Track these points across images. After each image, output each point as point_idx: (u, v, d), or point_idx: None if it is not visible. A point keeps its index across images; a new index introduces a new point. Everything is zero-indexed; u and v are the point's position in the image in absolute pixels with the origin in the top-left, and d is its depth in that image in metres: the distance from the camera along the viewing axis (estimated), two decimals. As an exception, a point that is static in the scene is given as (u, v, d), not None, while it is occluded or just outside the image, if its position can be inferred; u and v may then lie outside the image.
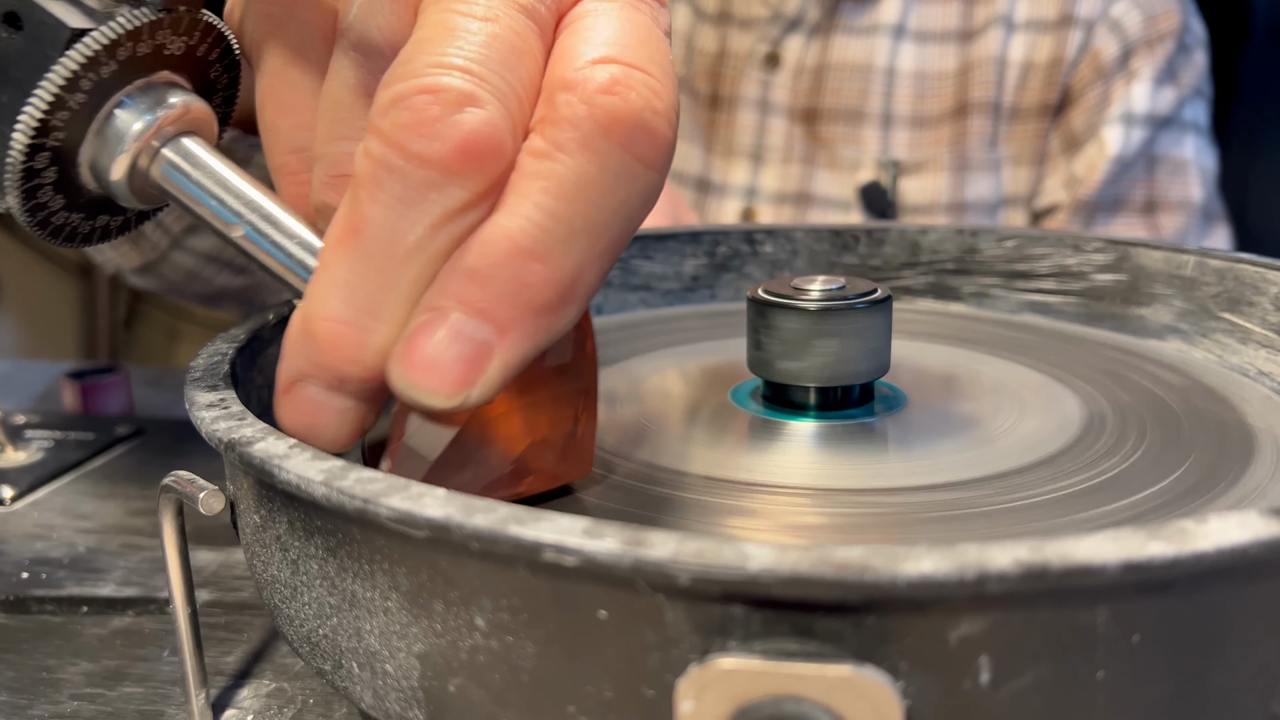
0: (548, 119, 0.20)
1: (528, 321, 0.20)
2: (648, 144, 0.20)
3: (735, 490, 0.24)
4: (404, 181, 0.19)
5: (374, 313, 0.20)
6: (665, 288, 0.41)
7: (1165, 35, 0.68)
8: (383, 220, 0.19)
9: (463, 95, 0.19)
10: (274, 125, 0.25)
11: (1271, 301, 0.32)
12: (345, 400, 0.21)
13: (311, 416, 0.21)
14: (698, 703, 0.15)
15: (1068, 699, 0.16)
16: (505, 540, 0.16)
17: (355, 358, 0.20)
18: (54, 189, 0.23)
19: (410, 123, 0.19)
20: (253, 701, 0.26)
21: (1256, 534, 0.15)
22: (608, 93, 0.20)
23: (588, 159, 0.19)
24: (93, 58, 0.22)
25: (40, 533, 0.35)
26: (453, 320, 0.19)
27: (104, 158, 0.23)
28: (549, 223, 0.19)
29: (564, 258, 0.19)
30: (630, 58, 0.20)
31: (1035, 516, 0.23)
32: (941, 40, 0.70)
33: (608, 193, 0.20)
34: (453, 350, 0.19)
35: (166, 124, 0.23)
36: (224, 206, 0.23)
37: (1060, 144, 0.69)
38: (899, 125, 0.70)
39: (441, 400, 0.19)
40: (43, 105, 0.22)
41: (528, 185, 0.19)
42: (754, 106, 0.72)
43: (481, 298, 0.19)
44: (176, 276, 0.52)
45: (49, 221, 0.24)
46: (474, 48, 0.20)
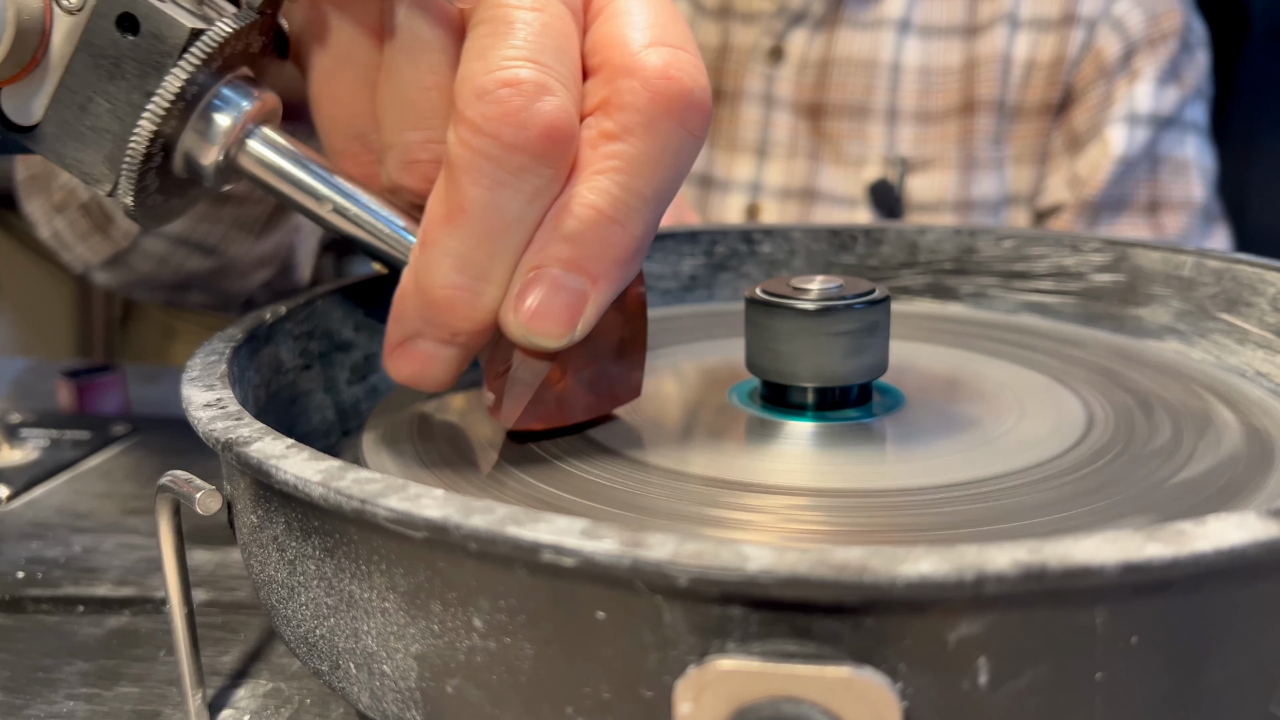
0: (613, 103, 0.23)
1: (613, 271, 0.24)
2: (697, 117, 0.24)
3: (733, 490, 0.24)
4: (500, 166, 0.22)
5: (485, 277, 0.23)
6: (663, 287, 0.41)
7: (1168, 34, 0.68)
8: (485, 200, 0.23)
9: (538, 86, 0.22)
10: (332, 116, 0.28)
11: (1269, 302, 0.32)
12: (454, 350, 0.25)
13: (424, 366, 0.25)
14: (696, 704, 0.15)
15: (1066, 700, 0.16)
16: (503, 541, 0.16)
17: (470, 315, 0.24)
18: (156, 174, 0.25)
19: (498, 114, 0.22)
20: (249, 702, 0.26)
21: (1255, 535, 0.15)
22: (664, 77, 0.23)
23: (652, 138, 0.23)
24: (210, 54, 0.24)
25: (36, 532, 0.35)
26: (555, 275, 0.23)
27: (198, 148, 0.26)
28: (625, 195, 0.23)
29: (637, 220, 0.24)
30: (671, 39, 0.24)
31: (1033, 517, 0.23)
32: (946, 35, 0.69)
33: (668, 164, 0.24)
34: (559, 299, 0.23)
35: (251, 118, 0.26)
36: (312, 186, 0.26)
37: (1063, 143, 0.69)
38: (904, 121, 0.70)
39: (554, 341, 0.24)
40: (168, 97, 0.24)
41: (604, 163, 0.23)
42: (758, 101, 0.71)
43: (577, 256, 0.23)
44: (147, 265, 0.52)
45: (144, 203, 0.26)
46: (534, 38, 0.23)
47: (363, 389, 0.33)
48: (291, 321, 0.30)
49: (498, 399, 0.26)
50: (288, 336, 0.30)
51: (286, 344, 0.30)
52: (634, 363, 0.27)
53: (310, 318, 0.31)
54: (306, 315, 0.31)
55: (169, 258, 0.52)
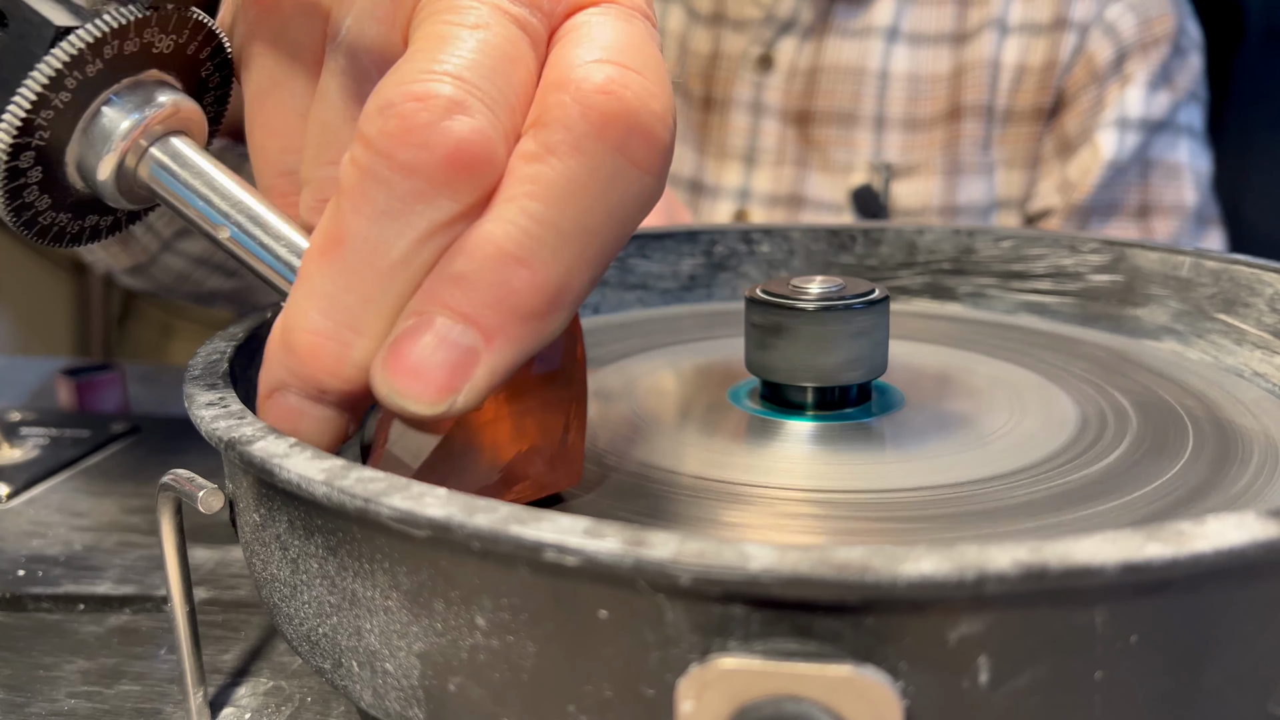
0: (539, 120, 0.19)
1: (514, 328, 0.19)
2: (643, 146, 0.19)
3: (732, 490, 0.24)
4: (390, 191, 0.19)
5: (354, 326, 0.19)
6: (662, 287, 0.41)
7: (1160, 39, 0.68)
8: (366, 232, 0.19)
9: (452, 102, 0.19)
10: (262, 147, 0.25)
11: (1267, 303, 0.32)
12: (325, 409, 0.21)
13: (292, 424, 0.21)
14: (698, 702, 0.15)
15: (1066, 699, 0.16)
16: (506, 540, 0.16)
17: (334, 370, 0.20)
18: (40, 188, 0.23)
19: (398, 130, 0.19)
20: (250, 700, 0.26)
21: (1254, 535, 0.15)
22: (602, 92, 0.19)
23: (579, 161, 0.19)
24: (77, 55, 0.22)
25: (36, 530, 0.35)
26: (438, 326, 0.19)
27: (91, 157, 0.23)
28: (536, 228, 0.19)
29: (552, 263, 0.19)
30: (625, 60, 0.20)
31: (1032, 517, 0.23)
32: (935, 43, 0.70)
33: (600, 197, 0.19)
34: (438, 356, 0.19)
35: (155, 123, 0.23)
36: (211, 207, 0.23)
37: (1054, 147, 0.69)
38: (892, 128, 0.70)
39: (426, 407, 0.19)
40: (26, 104, 0.21)
41: (515, 189, 0.19)
42: (747, 108, 0.72)
43: (467, 303, 0.19)
44: (167, 279, 0.52)
45: (35, 221, 0.23)
46: (465, 55, 0.19)
47: (363, 388, 0.33)
48: (292, 320, 0.30)
49: None
50: (288, 335, 0.30)
51: (287, 343, 0.30)
52: (569, 439, 0.23)
53: (311, 317, 0.31)
54: (307, 314, 0.31)
55: (189, 275, 0.52)
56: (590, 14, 0.21)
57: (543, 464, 0.22)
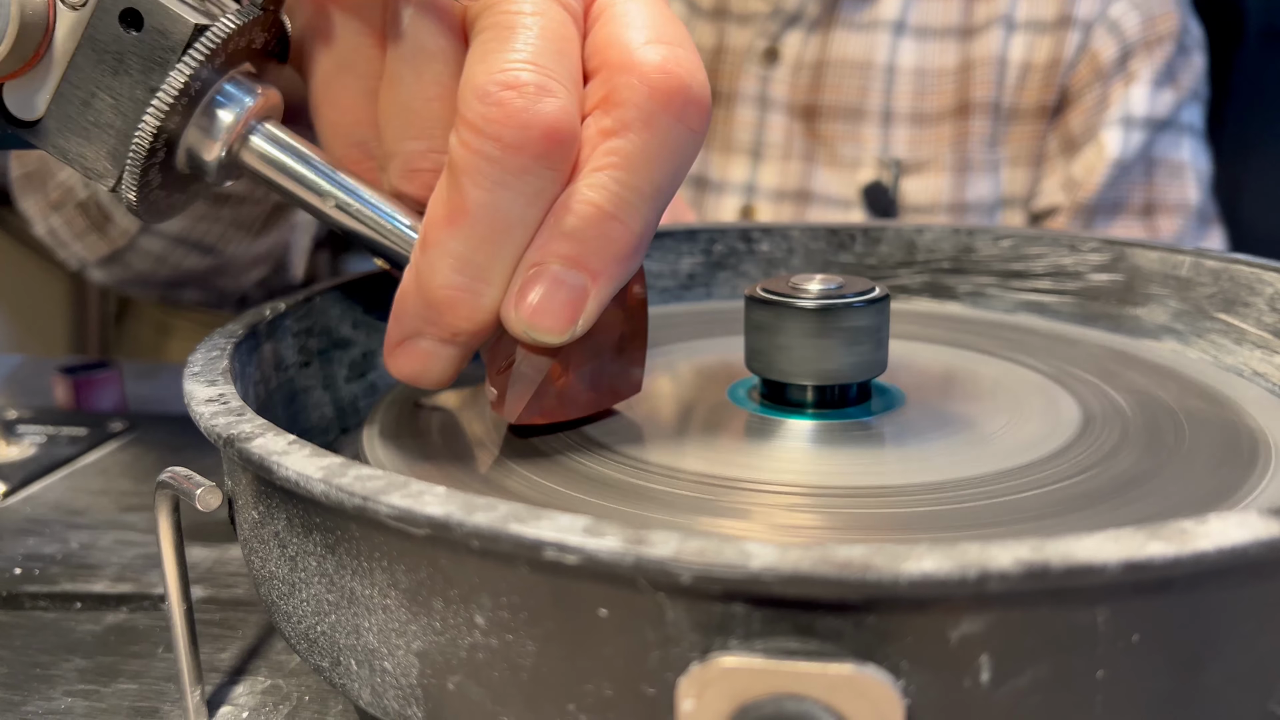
0: (611, 99, 0.23)
1: (613, 268, 0.24)
2: (696, 112, 0.24)
3: (732, 488, 0.24)
4: (502, 167, 0.22)
5: (485, 278, 0.24)
6: (661, 286, 0.41)
7: (1164, 37, 0.68)
8: (486, 201, 0.23)
9: (539, 88, 0.22)
10: (333, 123, 0.28)
11: (1267, 302, 0.32)
12: (454, 349, 0.25)
13: (424, 364, 0.25)
14: (699, 701, 0.15)
15: (1067, 698, 0.16)
16: (506, 538, 0.16)
17: (470, 316, 0.24)
18: (159, 170, 0.26)
19: (500, 115, 0.22)
20: (248, 698, 0.26)
21: (1256, 534, 0.15)
22: (661, 72, 0.23)
23: (651, 133, 0.23)
24: (213, 50, 0.24)
25: (33, 528, 0.35)
26: (556, 271, 0.23)
27: (201, 143, 0.26)
28: (624, 191, 0.23)
29: (637, 216, 0.24)
30: (669, 38, 0.24)
31: (1031, 516, 0.23)
32: (942, 37, 0.69)
33: (667, 159, 0.24)
34: (560, 295, 0.23)
35: (254, 114, 0.26)
36: (315, 182, 0.26)
37: (1058, 145, 0.69)
38: (899, 123, 0.70)
39: (555, 336, 0.24)
40: (172, 93, 0.24)
41: (603, 159, 0.23)
42: (752, 102, 0.71)
43: (577, 253, 0.23)
44: (144, 264, 0.52)
45: (146, 199, 0.26)
46: (535, 42, 0.23)
47: (361, 386, 0.33)
48: (291, 318, 0.30)
49: (501, 394, 0.26)
50: (287, 333, 0.30)
51: (286, 341, 0.30)
52: (634, 359, 0.28)
53: (309, 315, 0.31)
54: (306, 312, 0.31)
55: (167, 256, 0.51)
56: None
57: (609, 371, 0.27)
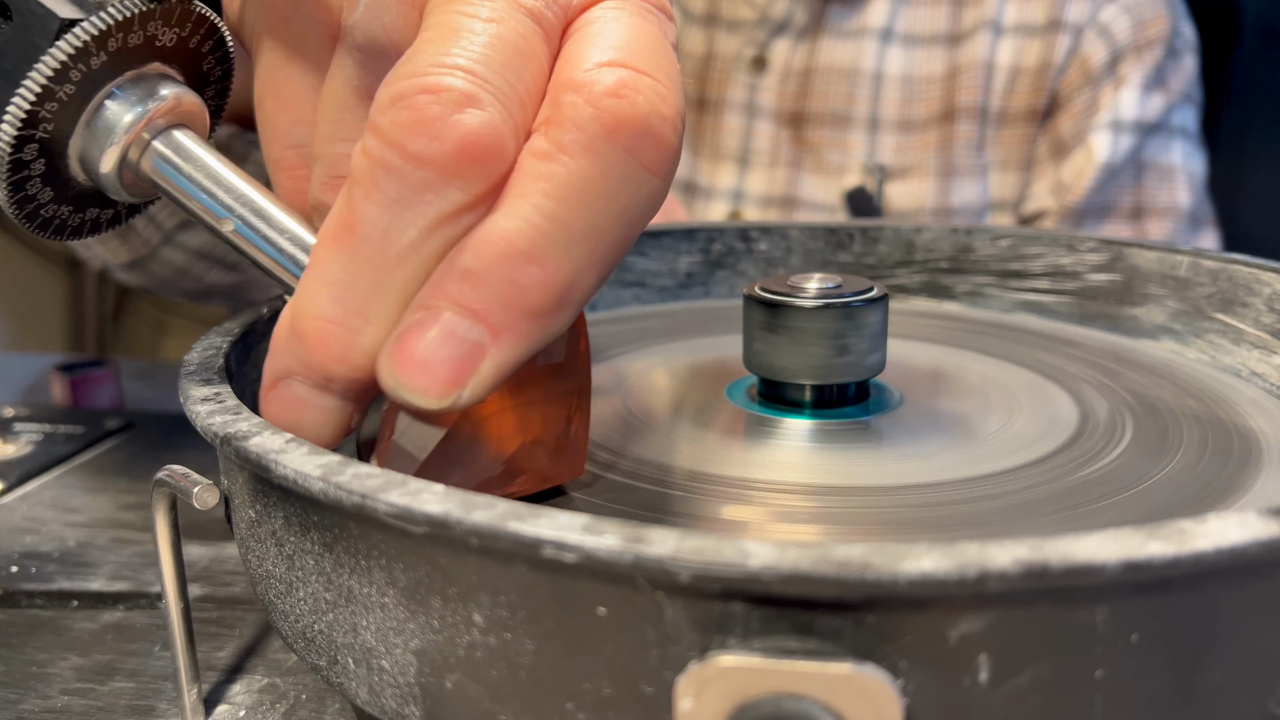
0: (552, 120, 0.20)
1: (521, 324, 0.19)
2: (653, 149, 0.20)
3: (730, 487, 0.24)
4: (401, 181, 0.19)
5: (364, 313, 0.20)
6: (660, 284, 0.41)
7: (1154, 41, 0.68)
8: (377, 220, 0.19)
9: (464, 96, 0.19)
10: (272, 120, 0.25)
11: (1265, 302, 0.32)
12: (331, 399, 0.21)
13: (296, 414, 0.21)
14: (697, 700, 0.15)
15: (1066, 697, 0.16)
16: (505, 536, 0.16)
17: (343, 357, 0.20)
18: (42, 181, 0.23)
19: (410, 122, 0.19)
20: (245, 697, 0.26)
21: (1255, 534, 0.15)
22: (614, 95, 0.19)
23: (591, 162, 0.19)
24: (82, 48, 0.22)
25: (29, 526, 0.35)
26: (445, 320, 0.19)
27: (94, 150, 0.23)
28: (548, 225, 0.19)
29: (561, 261, 0.19)
30: (638, 63, 0.20)
31: (1030, 516, 0.23)
32: (929, 44, 0.70)
33: (610, 197, 0.20)
34: (444, 350, 0.19)
35: (157, 116, 0.23)
36: (215, 200, 0.23)
37: (1048, 149, 0.69)
38: (885, 129, 0.70)
39: (431, 400, 0.19)
40: (30, 96, 0.21)
41: (528, 186, 0.19)
42: (740, 110, 0.72)
43: (475, 298, 0.19)
44: (166, 273, 0.52)
45: (37, 214, 0.23)
46: (477, 49, 0.20)
47: (359, 384, 0.33)
48: (288, 316, 0.30)
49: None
50: (284, 331, 0.30)
51: (283, 339, 0.30)
52: (574, 431, 0.23)
53: (307, 313, 0.31)
54: (303, 310, 0.31)
55: (189, 269, 0.51)
56: (605, 8, 0.21)
57: (546, 456, 0.22)
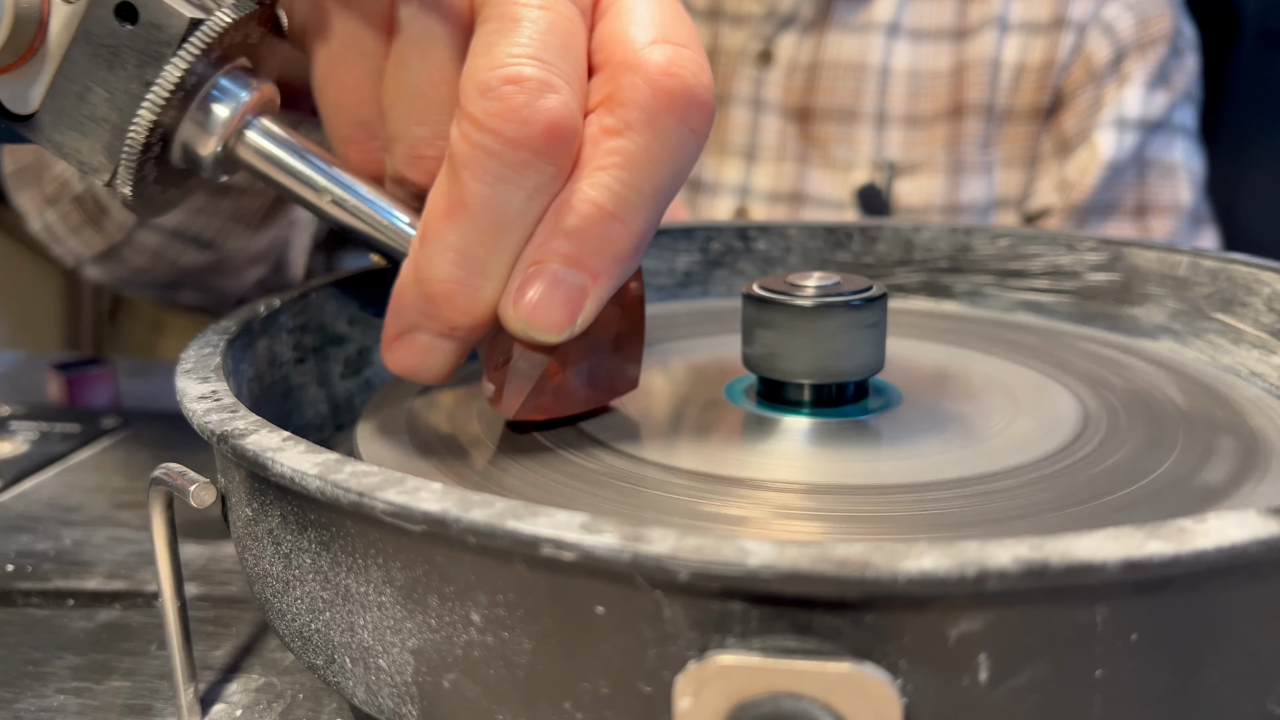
0: (615, 98, 0.23)
1: (613, 268, 0.24)
2: (700, 115, 0.24)
3: (728, 486, 0.24)
4: (502, 161, 0.22)
5: (484, 273, 0.23)
6: (658, 284, 0.41)
7: (1158, 39, 0.68)
8: (487, 195, 0.23)
9: (542, 83, 0.22)
10: (337, 103, 0.28)
11: (1264, 302, 0.32)
12: (451, 344, 0.25)
13: (421, 358, 0.25)
14: (696, 699, 0.15)
15: (1065, 697, 0.16)
16: (502, 535, 0.16)
17: (468, 310, 0.24)
18: (155, 164, 0.25)
19: (501, 110, 0.22)
20: (241, 696, 0.26)
21: (1255, 533, 0.15)
22: (666, 74, 0.23)
23: (654, 135, 0.23)
24: (209, 44, 0.24)
25: (25, 525, 0.35)
26: (555, 270, 0.23)
27: (197, 138, 0.26)
28: (625, 191, 0.23)
29: (638, 217, 0.23)
30: (675, 36, 0.24)
31: (1029, 515, 0.23)
32: (936, 39, 0.69)
33: (670, 161, 0.24)
34: (559, 294, 0.23)
35: (250, 108, 0.26)
36: (311, 177, 0.26)
37: (1052, 147, 0.69)
38: (893, 125, 0.70)
39: (553, 335, 0.24)
40: (168, 87, 0.24)
41: (605, 159, 0.23)
42: (747, 104, 0.71)
43: (577, 252, 0.23)
44: (140, 259, 0.52)
45: (142, 194, 0.26)
46: (540, 36, 0.23)
47: (356, 383, 0.33)
48: (285, 314, 0.30)
49: (498, 390, 0.26)
50: (281, 330, 0.30)
51: (280, 337, 0.30)
52: (631, 356, 0.28)
53: (304, 311, 0.31)
54: (300, 308, 0.31)
55: (164, 251, 0.51)
56: None
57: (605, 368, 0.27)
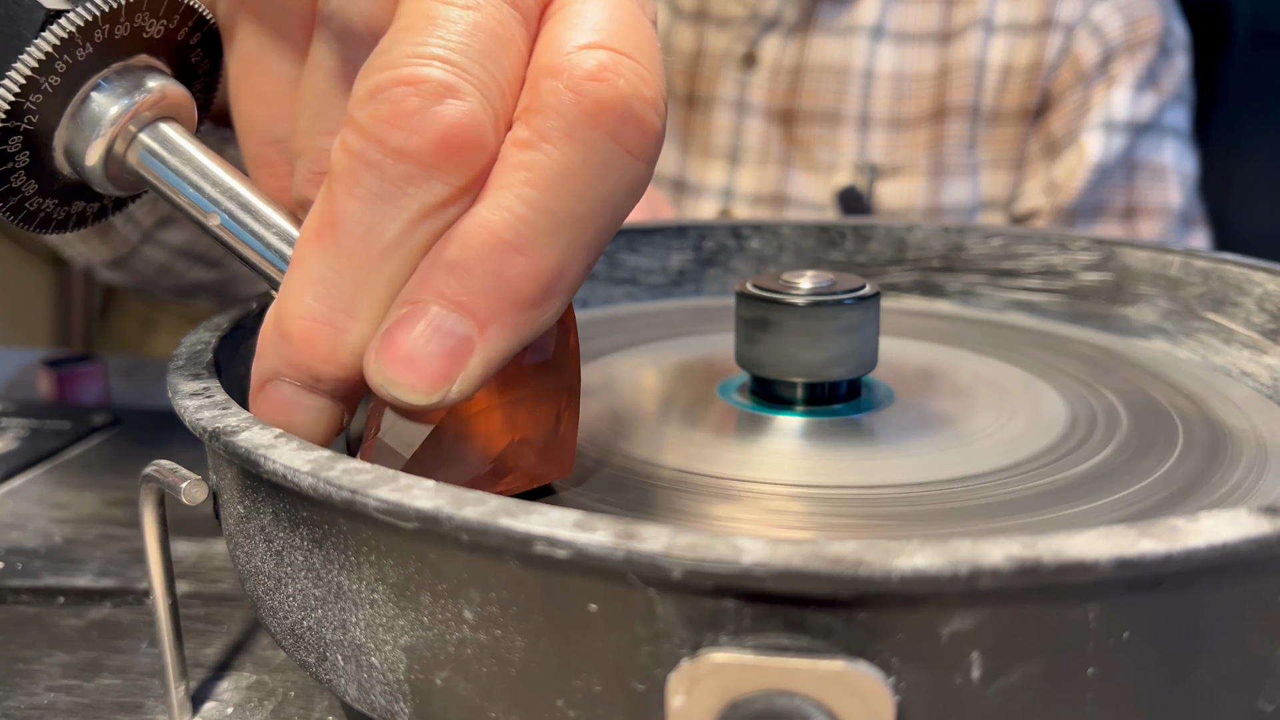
0: (532, 107, 0.19)
1: (509, 316, 0.19)
2: (635, 133, 0.19)
3: (721, 484, 0.24)
4: (382, 176, 0.19)
5: (349, 311, 0.19)
6: (651, 282, 0.41)
7: (1146, 40, 0.68)
8: (359, 215, 0.19)
9: (443, 86, 0.19)
10: (249, 114, 0.24)
11: (1255, 302, 0.32)
12: (320, 399, 0.20)
13: (286, 415, 0.20)
14: (688, 697, 0.15)
15: (1057, 695, 0.16)
16: (496, 532, 0.16)
17: (330, 356, 0.20)
18: (26, 173, 0.23)
19: (389, 115, 0.19)
20: (233, 694, 0.26)
21: (1246, 532, 0.15)
22: (595, 79, 0.19)
23: (573, 148, 0.19)
24: (68, 39, 0.21)
25: (15, 522, 0.35)
26: (432, 314, 0.19)
27: (79, 142, 0.23)
28: (532, 215, 0.19)
29: (548, 250, 0.19)
30: (617, 44, 0.20)
31: (1021, 514, 0.23)
32: (920, 42, 0.69)
33: (594, 183, 0.19)
34: (432, 345, 0.19)
35: (144, 109, 0.23)
36: (201, 194, 0.23)
37: (1039, 148, 0.69)
38: (876, 127, 0.70)
39: (420, 397, 0.19)
40: (14, 87, 0.21)
41: (510, 176, 0.19)
42: (730, 107, 0.71)
43: (462, 291, 0.19)
44: (148, 271, 0.52)
45: (21, 207, 0.23)
46: (455, 37, 0.19)
47: (349, 380, 0.33)
48: (278, 311, 0.30)
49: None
50: (274, 327, 0.30)
51: (272, 334, 0.30)
52: (562, 430, 0.23)
53: (296, 308, 0.31)
54: (293, 305, 0.30)
55: (171, 267, 0.51)
56: None
57: (534, 455, 0.22)
